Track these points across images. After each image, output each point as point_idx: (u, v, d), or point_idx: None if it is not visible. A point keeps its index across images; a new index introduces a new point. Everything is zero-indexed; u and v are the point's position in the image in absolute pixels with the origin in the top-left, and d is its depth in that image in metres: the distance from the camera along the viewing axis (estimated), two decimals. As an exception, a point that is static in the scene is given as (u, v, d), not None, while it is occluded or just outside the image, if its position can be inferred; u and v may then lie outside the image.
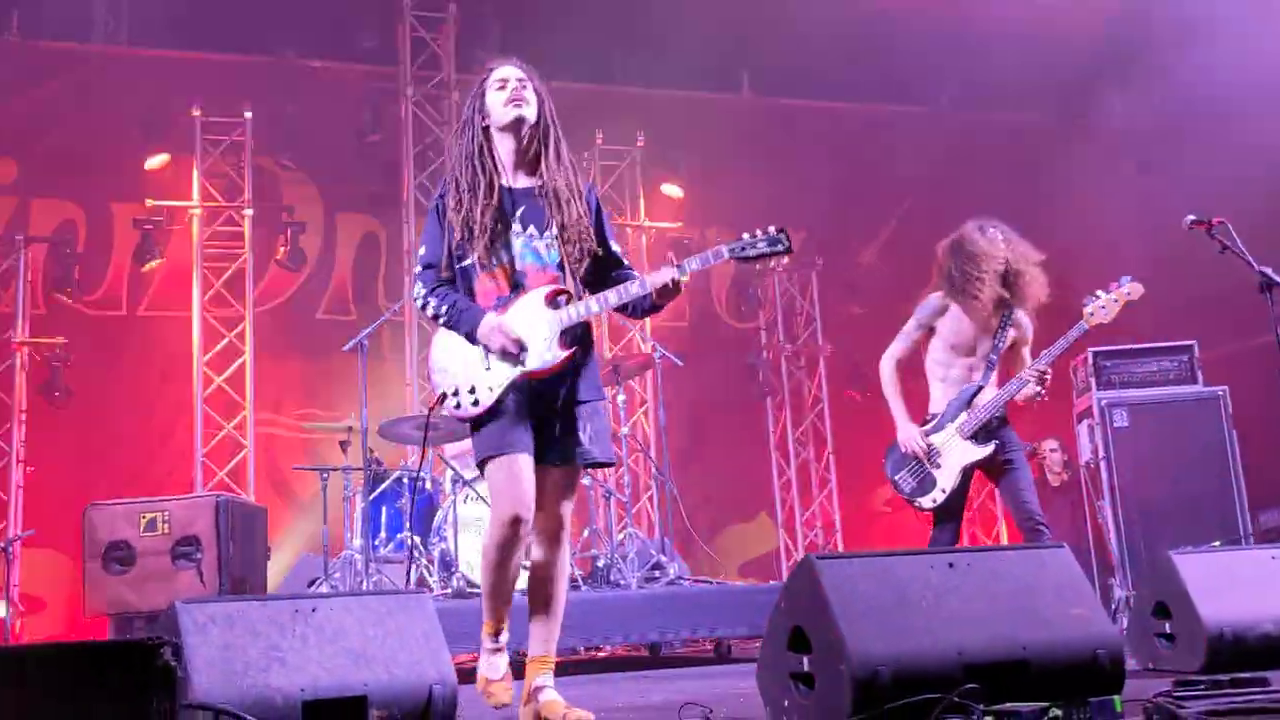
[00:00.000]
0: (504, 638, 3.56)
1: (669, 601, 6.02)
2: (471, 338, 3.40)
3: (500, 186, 3.47)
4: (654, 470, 7.08)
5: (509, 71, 3.52)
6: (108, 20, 9.61)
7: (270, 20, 9.31)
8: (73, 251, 8.91)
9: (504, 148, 3.51)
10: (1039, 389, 4.65)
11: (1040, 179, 10.45)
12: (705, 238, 10.77)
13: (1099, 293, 4.74)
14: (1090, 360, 7.41)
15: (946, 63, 10.94)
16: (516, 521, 3.33)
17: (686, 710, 3.07)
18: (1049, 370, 4.66)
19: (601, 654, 7.16)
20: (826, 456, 10.61)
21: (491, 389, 3.38)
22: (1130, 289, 4.73)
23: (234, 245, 9.22)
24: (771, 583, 9.41)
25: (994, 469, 4.81)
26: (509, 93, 3.46)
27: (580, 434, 3.45)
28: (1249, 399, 7.49)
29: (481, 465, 3.42)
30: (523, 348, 3.36)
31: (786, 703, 2.76)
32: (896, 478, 4.86)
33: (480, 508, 6.30)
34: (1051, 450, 8.68)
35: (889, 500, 11.21)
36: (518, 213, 3.46)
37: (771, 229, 3.51)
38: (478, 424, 3.41)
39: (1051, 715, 2.42)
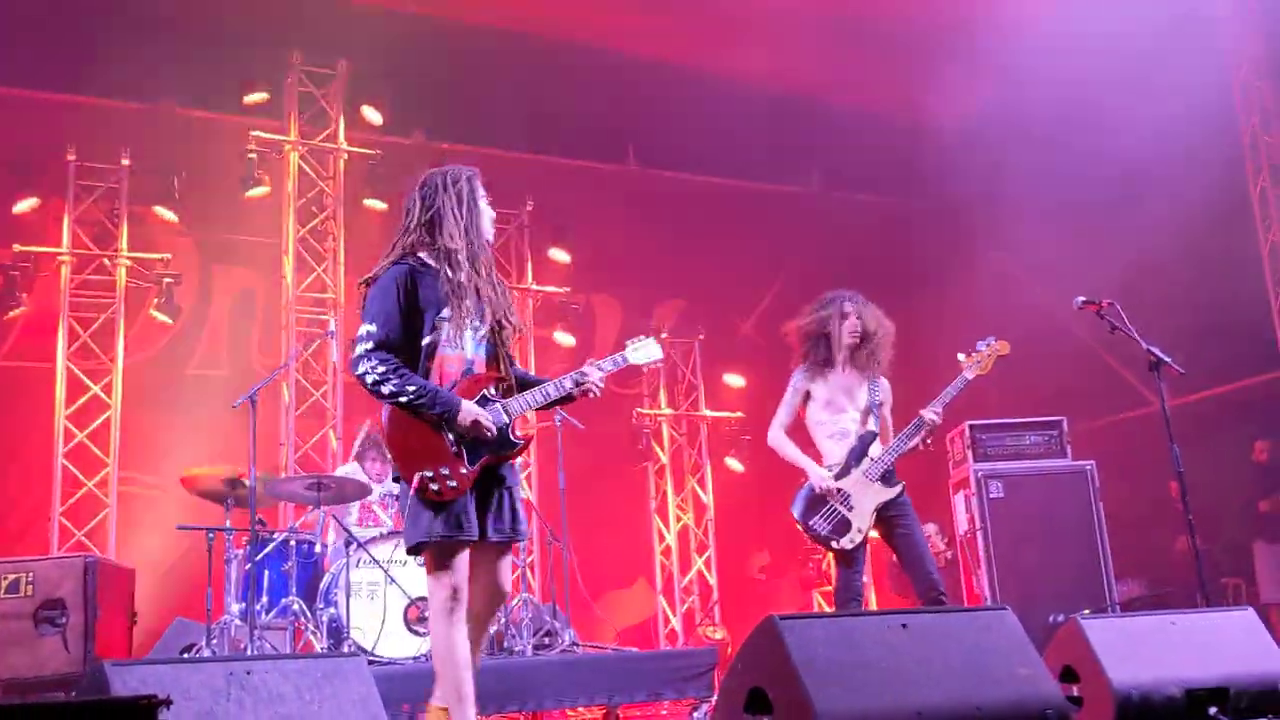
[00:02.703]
0: None
1: (569, 668, 5.95)
2: (446, 421, 3.58)
3: (462, 278, 3.74)
4: (549, 535, 7.01)
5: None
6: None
7: (150, 67, 9.06)
8: (-73, 297, 8.42)
9: (471, 248, 3.79)
10: (925, 436, 5.15)
11: (903, 259, 10.88)
12: (591, 303, 10.88)
13: (979, 344, 5.30)
14: (967, 433, 7.72)
15: (816, 145, 11.39)
16: (460, 596, 3.54)
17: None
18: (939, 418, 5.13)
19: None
20: (706, 522, 10.70)
21: (465, 473, 3.57)
22: (999, 345, 5.31)
23: (103, 295, 8.84)
24: (668, 648, 9.42)
25: (889, 529, 5.15)
26: (491, 211, 3.89)
27: (519, 511, 3.73)
28: (1109, 472, 7.92)
29: (422, 545, 3.56)
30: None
31: (742, 765, 2.77)
32: (810, 522, 5.12)
33: (374, 572, 6.13)
34: (934, 534, 8.95)
35: (763, 568, 11.38)
36: (473, 305, 3.73)
37: (654, 340, 4.14)
38: (439, 506, 3.54)
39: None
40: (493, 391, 3.71)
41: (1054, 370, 9.96)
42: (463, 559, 3.55)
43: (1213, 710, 3.76)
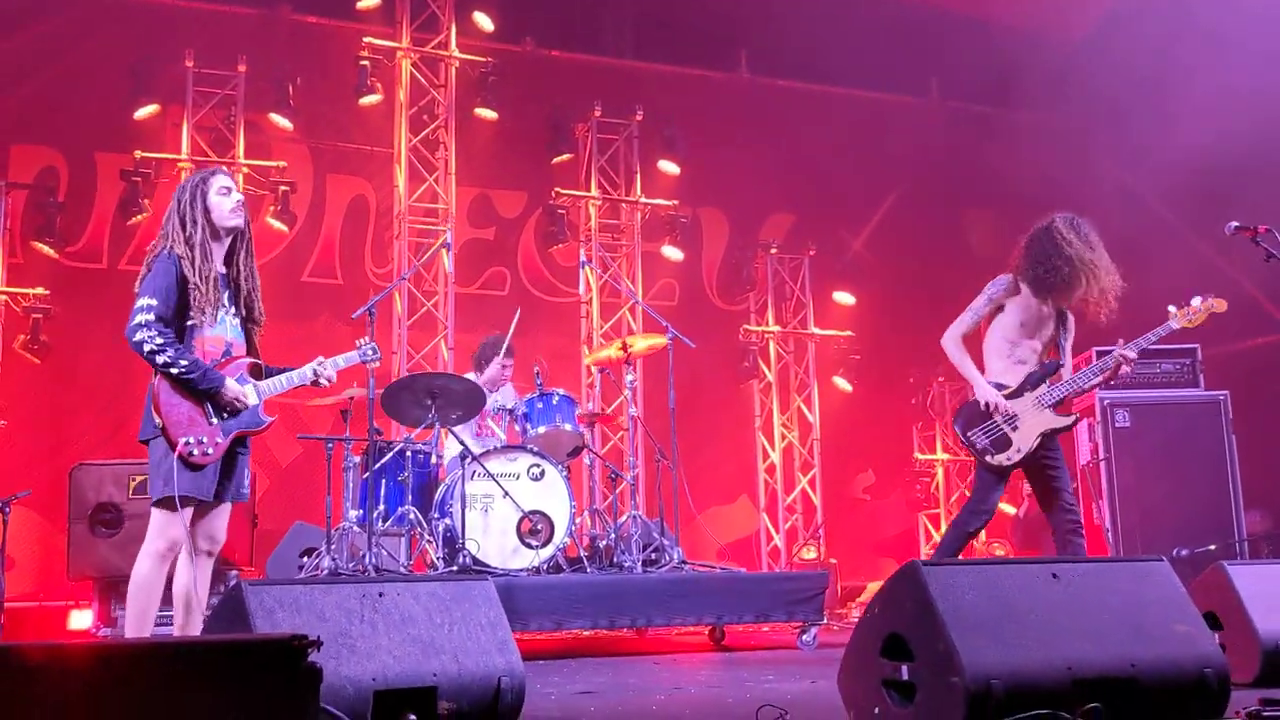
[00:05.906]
0: None
1: (678, 586, 5.95)
2: (210, 395, 4.04)
3: (215, 268, 4.16)
4: (657, 453, 6.99)
5: (231, 183, 4.27)
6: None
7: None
8: (54, 200, 8.61)
9: (217, 241, 4.19)
10: (1110, 376, 5.16)
11: (1021, 175, 10.41)
12: (699, 217, 10.70)
13: (1194, 300, 5.18)
14: (1094, 359, 7.41)
15: (934, 54, 10.92)
16: (176, 547, 4.00)
17: (765, 712, 2.99)
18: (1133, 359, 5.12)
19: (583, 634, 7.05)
20: (811, 442, 10.59)
21: (220, 441, 4.07)
22: (1215, 302, 5.17)
23: (221, 202, 8.95)
24: (778, 570, 9.39)
25: (1037, 458, 5.08)
26: (233, 202, 4.19)
27: (245, 476, 4.26)
28: (1237, 399, 7.57)
29: (168, 500, 3.93)
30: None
31: (877, 710, 2.70)
32: (970, 434, 5.12)
33: (486, 485, 6.18)
34: None
35: (867, 489, 11.25)
36: (225, 294, 4.19)
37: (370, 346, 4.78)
38: (192, 468, 3.99)
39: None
40: (247, 374, 4.19)
41: (1177, 295, 9.51)
42: (187, 514, 4.00)
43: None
